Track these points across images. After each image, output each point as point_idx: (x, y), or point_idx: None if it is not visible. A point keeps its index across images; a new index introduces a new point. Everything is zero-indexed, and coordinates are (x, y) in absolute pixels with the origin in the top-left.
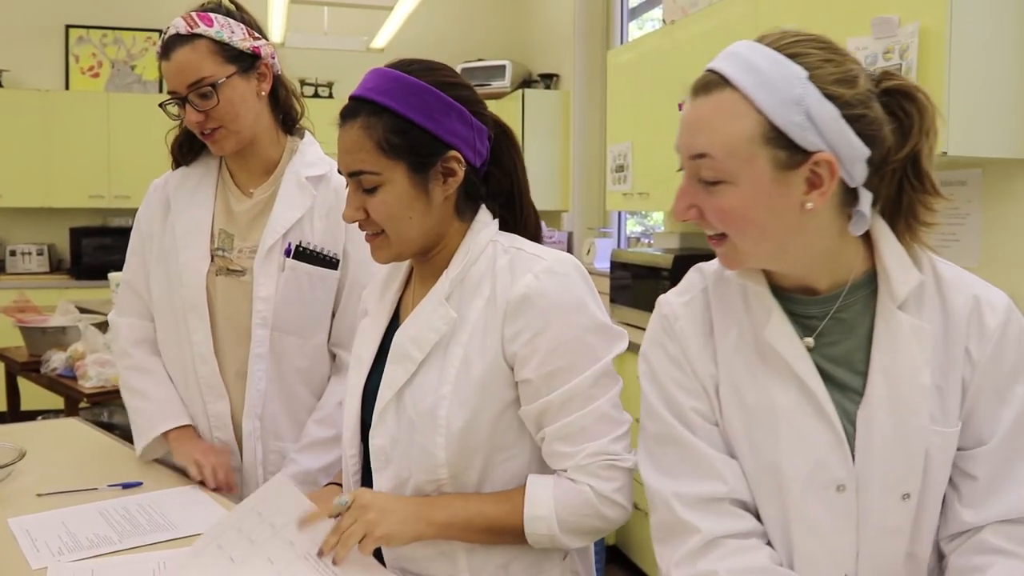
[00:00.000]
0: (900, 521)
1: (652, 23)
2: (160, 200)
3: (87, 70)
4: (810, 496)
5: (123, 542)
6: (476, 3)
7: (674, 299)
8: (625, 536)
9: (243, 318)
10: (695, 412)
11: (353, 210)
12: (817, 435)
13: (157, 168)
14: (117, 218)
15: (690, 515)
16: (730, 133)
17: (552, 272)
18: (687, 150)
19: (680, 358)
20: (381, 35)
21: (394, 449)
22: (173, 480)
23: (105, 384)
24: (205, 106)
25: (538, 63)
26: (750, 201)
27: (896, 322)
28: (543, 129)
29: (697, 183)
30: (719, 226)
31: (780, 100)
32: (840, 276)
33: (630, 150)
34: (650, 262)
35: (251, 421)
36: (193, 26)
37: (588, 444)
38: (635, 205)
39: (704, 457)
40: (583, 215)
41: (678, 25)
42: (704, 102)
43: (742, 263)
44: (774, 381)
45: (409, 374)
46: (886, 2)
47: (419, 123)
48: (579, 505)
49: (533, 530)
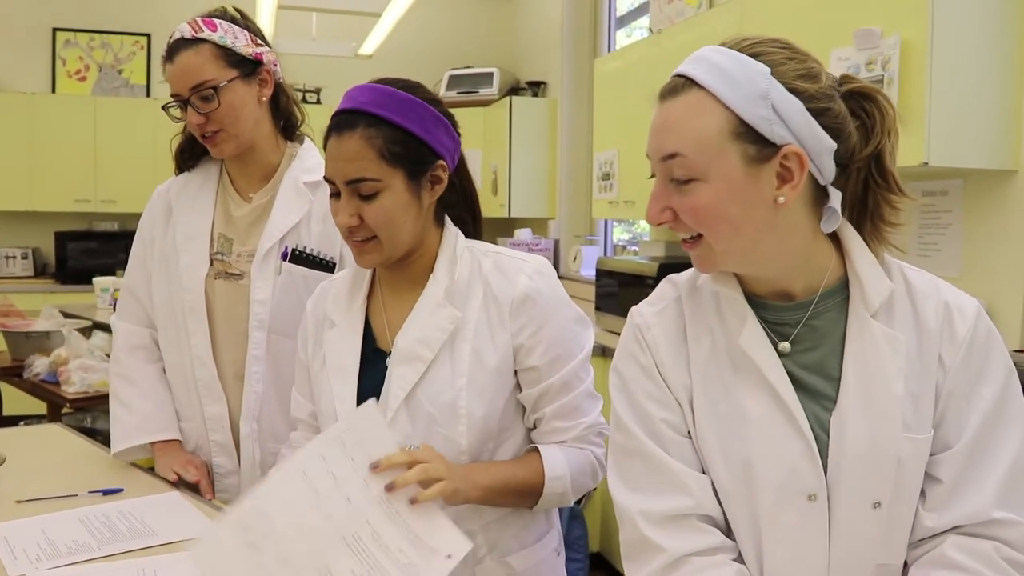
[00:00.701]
0: (871, 530)
1: (640, 31)
2: (162, 206)
3: (74, 73)
4: (782, 506)
5: (102, 549)
6: (464, 10)
7: (646, 309)
8: (608, 543)
9: (241, 321)
10: (666, 424)
11: (348, 216)
12: (789, 444)
13: (143, 172)
14: (103, 222)
15: (655, 533)
16: (699, 130)
17: (541, 273)
18: (658, 153)
19: (652, 369)
20: (369, 41)
21: (410, 445)
22: (155, 487)
23: (88, 390)
24: (206, 108)
25: (526, 71)
26: (722, 197)
27: (869, 331)
28: (530, 137)
29: (669, 185)
30: (693, 225)
31: (746, 95)
32: (814, 281)
33: (616, 158)
34: (635, 270)
35: (249, 423)
36: (198, 31)
37: (583, 419)
38: (621, 213)
39: (670, 471)
40: (570, 223)
41: (665, 34)
42: (672, 104)
43: (716, 265)
44: (747, 390)
45: (420, 373)
46: (869, 14)
47: (416, 133)
48: (584, 466)
49: (552, 489)
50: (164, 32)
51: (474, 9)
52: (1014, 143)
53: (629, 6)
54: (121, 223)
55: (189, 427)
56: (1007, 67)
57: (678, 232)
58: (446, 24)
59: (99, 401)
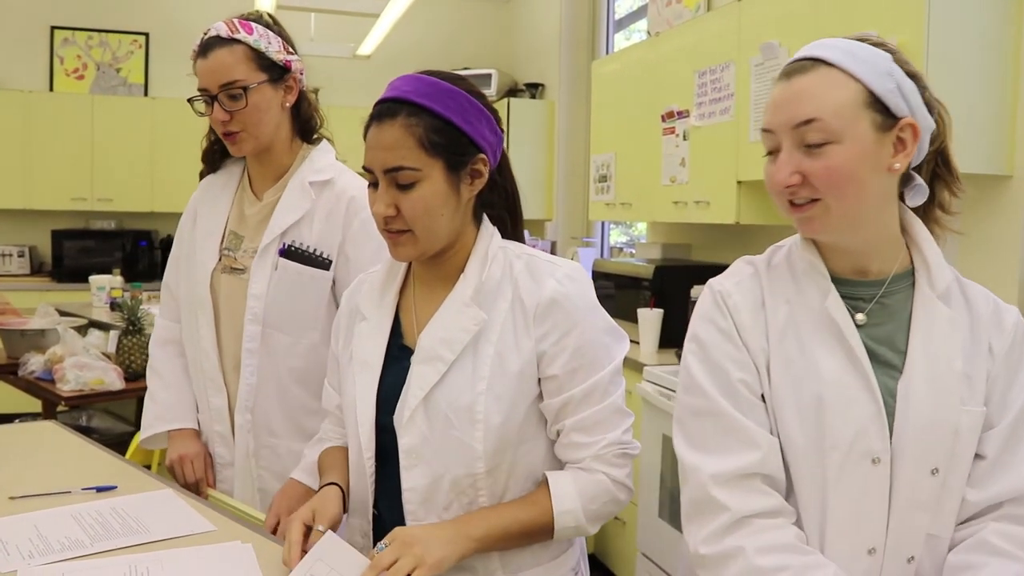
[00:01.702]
0: (927, 496)
1: (638, 34)
2: (192, 208)
3: (72, 72)
4: (848, 466)
5: (95, 545)
6: (462, 12)
7: (725, 280)
8: (603, 544)
9: (241, 315)
10: (743, 384)
11: (385, 206)
12: (860, 406)
13: (140, 171)
14: (99, 221)
15: (720, 493)
16: (836, 98)
17: (572, 278)
18: (791, 120)
19: (732, 332)
20: (367, 42)
21: (426, 447)
22: (149, 484)
23: (83, 388)
24: (233, 107)
25: (523, 72)
26: (855, 158)
27: (935, 310)
28: (528, 138)
29: (797, 152)
30: (823, 187)
31: (874, 71)
32: (887, 264)
33: (613, 160)
34: (632, 272)
35: (242, 415)
36: (234, 31)
37: (605, 435)
38: (618, 215)
39: (742, 428)
40: (566, 224)
41: (663, 37)
42: (804, 78)
43: (827, 227)
44: (824, 352)
45: (440, 374)
46: (865, 19)
47: (457, 124)
48: (599, 493)
49: (563, 524)
50: (163, 31)
51: (472, 10)
52: (1008, 148)
53: (628, 9)
54: (118, 222)
55: (202, 418)
56: (1002, 73)
57: (796, 197)
58: (444, 25)
59: (94, 399)
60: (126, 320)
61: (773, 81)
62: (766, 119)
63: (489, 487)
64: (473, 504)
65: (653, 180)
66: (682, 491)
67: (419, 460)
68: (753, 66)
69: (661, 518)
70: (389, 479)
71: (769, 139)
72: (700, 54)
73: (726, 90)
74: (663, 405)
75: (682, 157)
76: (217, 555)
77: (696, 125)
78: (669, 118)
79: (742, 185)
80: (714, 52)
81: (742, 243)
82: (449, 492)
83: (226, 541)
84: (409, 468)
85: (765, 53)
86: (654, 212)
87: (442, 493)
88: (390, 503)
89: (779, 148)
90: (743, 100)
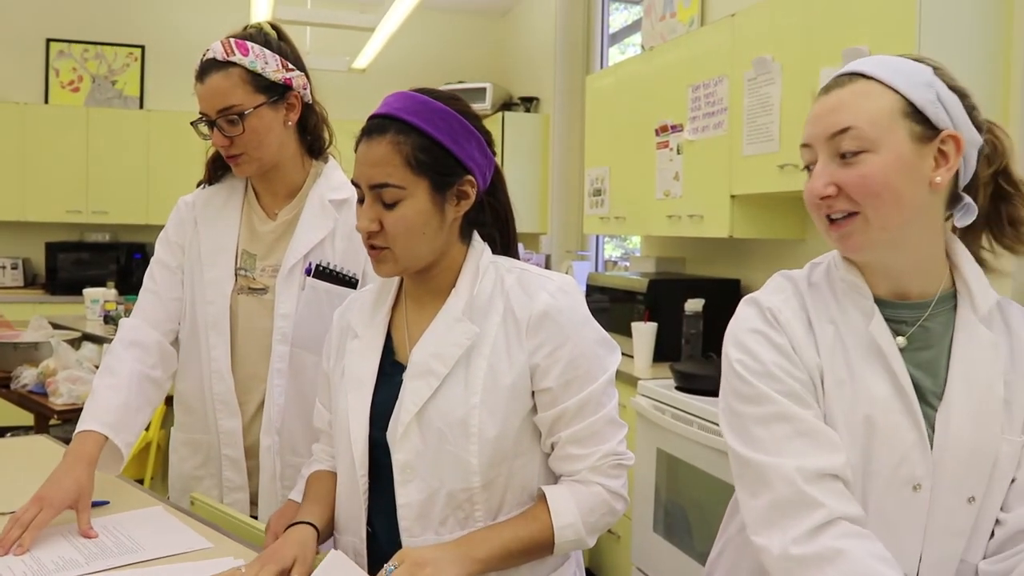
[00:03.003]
0: (963, 524)
1: (633, 48)
2: (189, 217)
3: (67, 84)
4: (889, 493)
5: (90, 564)
6: (458, 25)
7: (770, 295)
8: (598, 558)
9: (263, 335)
10: (806, 395)
11: (368, 221)
12: (904, 432)
13: (135, 184)
14: (94, 233)
15: (814, 490)
16: (872, 107)
17: (564, 291)
18: (827, 130)
19: (787, 348)
20: (363, 56)
21: (420, 462)
22: (141, 499)
23: (76, 401)
24: (231, 132)
25: (518, 86)
26: (891, 168)
27: (977, 335)
28: (522, 152)
29: (833, 162)
30: (858, 196)
31: (914, 83)
32: (929, 286)
33: (607, 174)
34: (626, 286)
35: (270, 436)
36: (230, 53)
37: (600, 447)
38: (612, 229)
39: (821, 431)
40: (561, 238)
41: (656, 51)
42: (840, 91)
43: (866, 243)
44: (871, 376)
45: (433, 389)
46: (857, 34)
47: (445, 144)
48: (597, 505)
49: (563, 539)
50: (158, 43)
51: (468, 24)
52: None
53: (622, 23)
54: (112, 234)
55: (202, 440)
56: (991, 85)
57: (832, 211)
58: (440, 39)
59: None
60: None
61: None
62: (804, 134)
63: (485, 501)
64: (469, 519)
65: (647, 194)
66: (754, 499)
67: (414, 475)
68: (746, 80)
69: (656, 532)
70: (382, 496)
71: (807, 153)
72: (694, 68)
73: (719, 104)
74: (657, 419)
75: (676, 171)
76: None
77: (690, 139)
78: (663, 132)
79: (735, 199)
80: (708, 66)
81: (736, 257)
82: (445, 507)
83: (221, 558)
84: (404, 484)
85: (758, 68)
86: (648, 226)
87: (437, 508)
88: (384, 520)
89: (814, 161)
90: (736, 114)
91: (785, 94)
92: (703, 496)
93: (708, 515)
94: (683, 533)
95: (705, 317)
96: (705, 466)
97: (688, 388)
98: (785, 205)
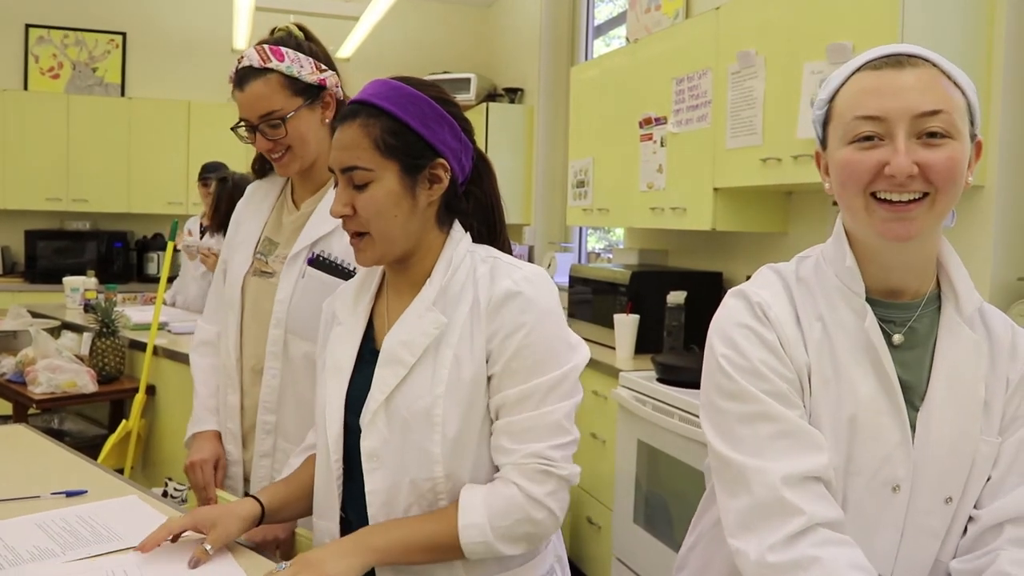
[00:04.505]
0: (939, 524)
1: (618, 40)
2: (237, 213)
3: (47, 71)
4: (869, 493)
5: (67, 554)
6: (442, 16)
7: (760, 290)
8: (578, 549)
9: (265, 317)
10: (791, 393)
11: (341, 205)
12: (889, 433)
13: (116, 172)
14: (74, 221)
15: (793, 495)
16: (955, 98)
17: (529, 280)
18: (913, 108)
19: (776, 345)
20: (347, 45)
21: (386, 449)
22: (120, 488)
23: (55, 390)
24: (275, 135)
25: (503, 77)
26: (963, 159)
27: (961, 336)
28: (507, 143)
29: (917, 142)
30: (938, 180)
31: (972, 88)
32: (922, 286)
33: (591, 166)
34: (609, 277)
35: (265, 415)
36: (266, 60)
37: (529, 445)
38: (595, 221)
39: (804, 431)
40: (544, 229)
41: (641, 44)
42: (919, 71)
43: (923, 228)
44: (859, 375)
45: (399, 378)
46: (840, 29)
47: (414, 128)
48: (510, 509)
49: (469, 539)
50: (140, 31)
51: (453, 15)
52: (981, 159)
53: (607, 15)
54: (93, 223)
55: (220, 416)
56: (973, 81)
57: (903, 192)
58: (424, 29)
59: (66, 402)
60: (100, 322)
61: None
62: (871, 105)
63: (449, 491)
64: (434, 507)
65: (630, 186)
66: (733, 500)
67: (380, 463)
68: (730, 74)
69: (636, 523)
70: (357, 482)
71: (872, 125)
72: (678, 61)
73: (703, 97)
74: (639, 411)
75: (659, 163)
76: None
77: (673, 132)
78: (647, 124)
79: (719, 192)
80: (692, 59)
81: (718, 250)
82: (409, 495)
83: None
84: (371, 471)
85: (742, 61)
86: (631, 218)
87: (402, 496)
88: (357, 506)
89: (881, 136)
90: (720, 107)
91: (769, 88)
92: (684, 487)
93: (688, 507)
94: (664, 524)
95: (687, 309)
96: (686, 458)
97: (670, 380)
98: (768, 198)
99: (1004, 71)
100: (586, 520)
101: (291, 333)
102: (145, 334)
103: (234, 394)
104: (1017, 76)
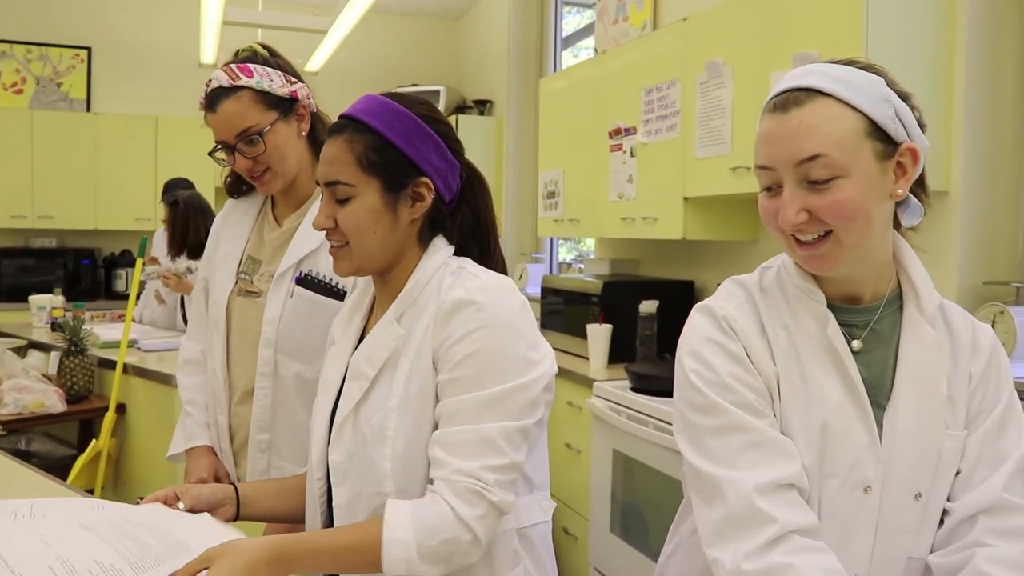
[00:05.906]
0: (910, 521)
1: (586, 51)
2: (215, 231)
3: (10, 86)
4: (842, 495)
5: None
6: (411, 28)
7: (724, 303)
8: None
9: (254, 337)
10: (759, 403)
11: (324, 218)
12: (857, 436)
13: (82, 188)
14: (40, 239)
15: (766, 504)
16: (839, 131)
17: (485, 289)
18: (793, 156)
19: (743, 356)
20: (315, 58)
21: (350, 464)
22: None
23: (23, 411)
24: (253, 152)
25: (472, 89)
26: (861, 190)
27: (922, 334)
28: (476, 155)
29: (801, 188)
30: (834, 221)
31: (872, 99)
32: (880, 288)
33: (561, 177)
34: (580, 288)
35: (258, 434)
36: (235, 78)
37: (460, 461)
38: (566, 231)
39: (773, 440)
40: (516, 241)
41: (610, 55)
42: (801, 111)
43: (838, 262)
44: (826, 381)
45: (362, 391)
46: (806, 39)
47: (398, 145)
48: (439, 528)
49: (391, 555)
50: (105, 45)
51: (421, 28)
52: (945, 165)
53: (575, 27)
54: (59, 240)
55: (211, 435)
56: (938, 90)
57: (804, 234)
58: (393, 42)
59: (34, 422)
60: (68, 341)
61: (762, 113)
62: (762, 155)
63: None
64: None
65: (601, 196)
66: (708, 510)
67: (345, 477)
68: (698, 84)
69: (613, 532)
70: None
71: (766, 176)
72: (646, 72)
73: (672, 107)
74: (613, 420)
75: (629, 174)
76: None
77: (643, 142)
78: (616, 135)
79: (688, 201)
80: (660, 70)
81: (689, 259)
82: (366, 510)
83: None
84: (337, 484)
85: (710, 71)
86: (602, 228)
87: (360, 511)
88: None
89: (778, 184)
90: (689, 117)
91: (737, 97)
92: (659, 496)
93: (664, 515)
94: (640, 533)
95: (659, 318)
96: (661, 466)
97: (643, 389)
98: (737, 207)
99: (966, 78)
100: (563, 530)
101: (281, 353)
102: (114, 352)
103: (223, 415)
104: (979, 82)
